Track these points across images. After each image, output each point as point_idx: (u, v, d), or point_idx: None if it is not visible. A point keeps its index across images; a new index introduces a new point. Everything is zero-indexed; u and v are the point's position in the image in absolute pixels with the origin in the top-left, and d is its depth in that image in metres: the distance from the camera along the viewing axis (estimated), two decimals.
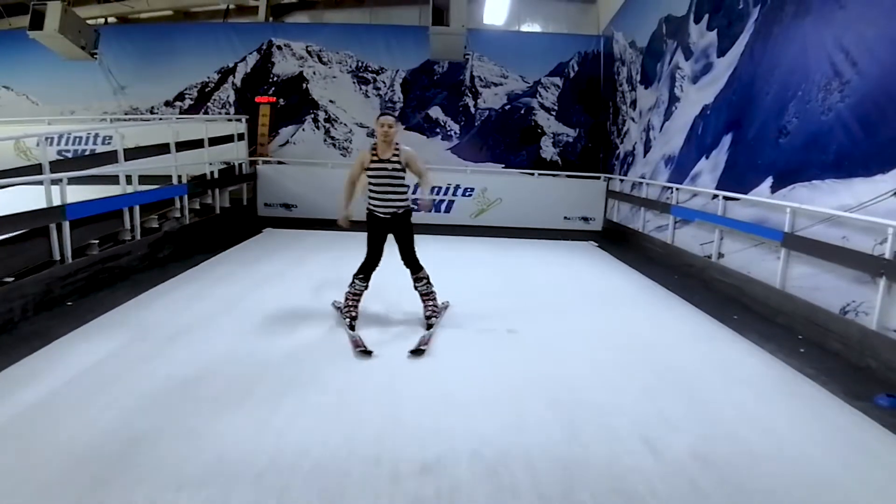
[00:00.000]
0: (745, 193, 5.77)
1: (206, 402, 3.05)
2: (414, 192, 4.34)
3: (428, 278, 4.52)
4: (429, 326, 4.36)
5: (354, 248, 4.18)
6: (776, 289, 5.11)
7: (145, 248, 6.26)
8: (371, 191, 4.30)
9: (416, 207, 4.51)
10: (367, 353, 3.83)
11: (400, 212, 4.33)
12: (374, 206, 4.32)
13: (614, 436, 2.85)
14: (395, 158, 4.19)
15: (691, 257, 6.92)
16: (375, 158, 4.20)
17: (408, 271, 4.51)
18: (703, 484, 2.46)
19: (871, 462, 2.73)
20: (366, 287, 4.44)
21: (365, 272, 4.41)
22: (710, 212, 6.53)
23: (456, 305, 4.99)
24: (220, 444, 2.63)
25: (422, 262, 4.51)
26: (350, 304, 4.42)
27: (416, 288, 4.52)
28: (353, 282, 4.43)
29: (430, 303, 4.52)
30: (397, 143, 4.24)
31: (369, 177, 4.26)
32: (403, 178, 4.28)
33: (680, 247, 7.34)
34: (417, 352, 3.90)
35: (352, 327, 4.28)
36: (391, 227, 4.36)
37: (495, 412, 3.07)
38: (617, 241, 9.51)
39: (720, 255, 6.29)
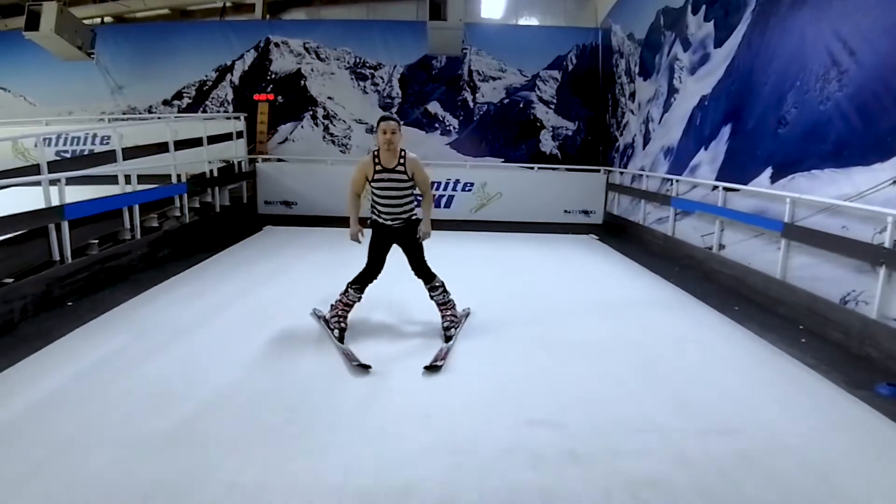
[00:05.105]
0: (745, 184, 5.76)
1: (208, 403, 3.06)
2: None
3: (443, 286, 4.18)
4: (447, 339, 3.99)
5: (356, 244, 4.13)
6: (777, 279, 5.10)
7: (145, 248, 6.26)
8: (375, 201, 3.98)
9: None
10: (364, 367, 3.45)
11: (407, 221, 4.03)
12: (379, 214, 4.00)
13: (617, 428, 2.86)
14: (400, 168, 3.86)
15: (692, 249, 6.91)
16: (380, 168, 3.86)
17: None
18: (705, 474, 2.46)
19: (873, 451, 2.73)
20: (359, 299, 4.10)
21: (362, 283, 4.06)
22: (710, 203, 6.52)
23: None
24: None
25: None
26: (340, 314, 4.05)
27: (431, 298, 4.19)
28: (346, 290, 4.08)
29: (448, 312, 4.17)
30: (402, 150, 3.90)
31: (374, 188, 3.93)
32: (411, 186, 3.97)
33: (681, 238, 7.33)
34: (433, 368, 3.49)
35: (341, 339, 3.91)
36: (397, 237, 4.05)
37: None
38: (618, 233, 9.49)
39: (721, 247, 6.28)
